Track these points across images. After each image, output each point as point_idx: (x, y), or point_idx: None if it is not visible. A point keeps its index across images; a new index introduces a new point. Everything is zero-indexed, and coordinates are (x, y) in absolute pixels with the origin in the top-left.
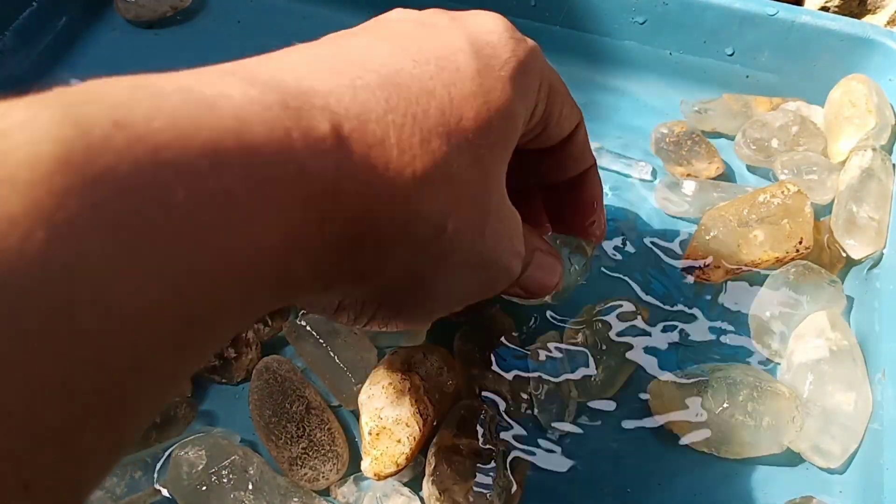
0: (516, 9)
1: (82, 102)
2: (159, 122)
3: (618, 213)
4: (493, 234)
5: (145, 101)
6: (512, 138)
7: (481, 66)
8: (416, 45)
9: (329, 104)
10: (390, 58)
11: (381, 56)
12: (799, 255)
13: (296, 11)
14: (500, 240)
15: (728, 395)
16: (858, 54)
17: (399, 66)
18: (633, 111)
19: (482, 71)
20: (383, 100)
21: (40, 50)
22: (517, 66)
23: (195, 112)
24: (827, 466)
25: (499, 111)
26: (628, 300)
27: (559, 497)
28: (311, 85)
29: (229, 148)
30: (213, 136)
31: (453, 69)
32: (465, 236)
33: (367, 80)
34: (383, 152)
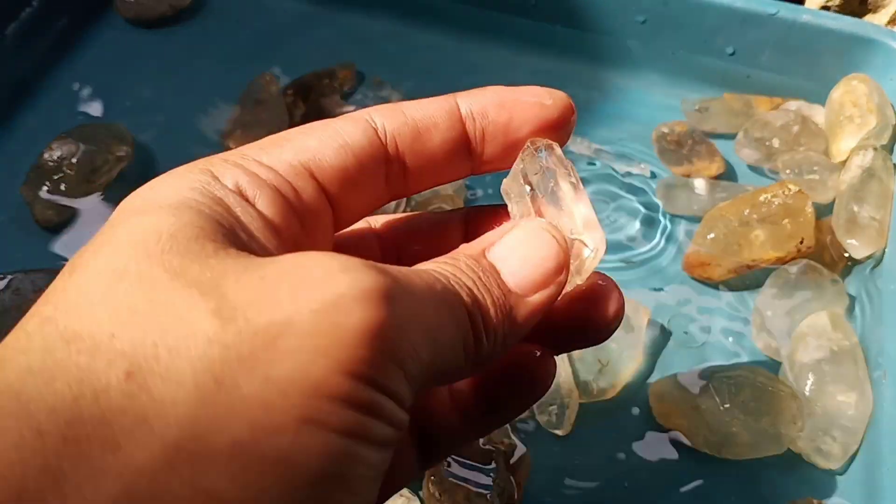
0: (516, 8)
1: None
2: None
3: (618, 213)
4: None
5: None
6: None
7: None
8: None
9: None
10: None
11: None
12: (800, 255)
13: (295, 11)
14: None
15: (729, 396)
16: (859, 54)
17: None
18: (633, 110)
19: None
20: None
21: (41, 50)
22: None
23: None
24: (828, 467)
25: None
26: (629, 300)
27: (559, 497)
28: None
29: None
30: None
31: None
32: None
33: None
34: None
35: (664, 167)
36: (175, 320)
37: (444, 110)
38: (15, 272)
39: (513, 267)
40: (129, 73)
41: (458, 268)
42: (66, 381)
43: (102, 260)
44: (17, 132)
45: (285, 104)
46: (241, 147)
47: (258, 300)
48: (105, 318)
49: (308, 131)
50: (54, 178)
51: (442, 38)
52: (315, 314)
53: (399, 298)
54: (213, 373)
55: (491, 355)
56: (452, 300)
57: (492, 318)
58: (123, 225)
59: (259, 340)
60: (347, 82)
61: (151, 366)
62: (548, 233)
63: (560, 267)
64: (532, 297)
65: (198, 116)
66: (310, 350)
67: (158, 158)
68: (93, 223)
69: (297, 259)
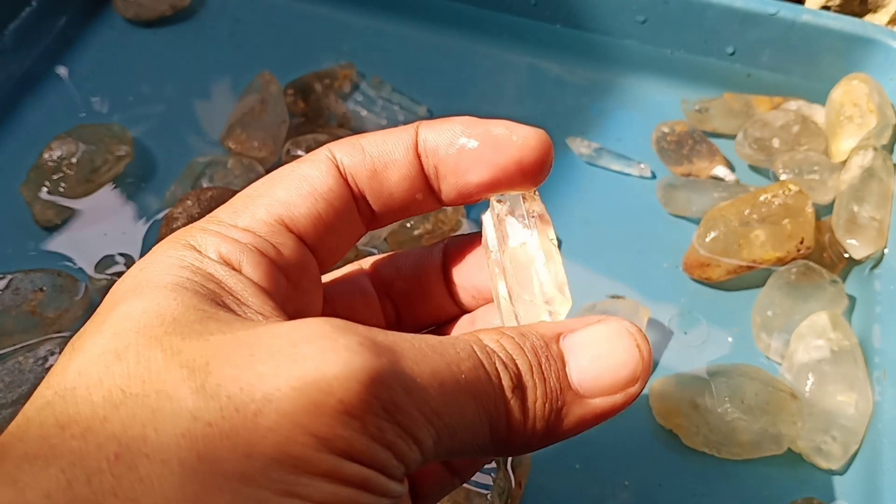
0: (516, 8)
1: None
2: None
3: (618, 213)
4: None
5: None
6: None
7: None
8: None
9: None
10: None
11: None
12: (800, 255)
13: (295, 10)
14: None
15: (729, 396)
16: (859, 53)
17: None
18: (633, 110)
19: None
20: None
21: (40, 49)
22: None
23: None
24: (828, 467)
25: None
26: (628, 300)
27: (560, 497)
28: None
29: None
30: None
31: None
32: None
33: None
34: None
35: (664, 167)
36: (163, 399)
37: (403, 145)
38: (15, 272)
39: (582, 362)
40: (128, 73)
41: (519, 346)
42: (60, 466)
43: (103, 342)
44: (16, 132)
45: (285, 104)
46: (214, 211)
47: (242, 376)
48: (99, 400)
49: (275, 182)
50: (54, 178)
51: (442, 38)
52: (296, 392)
53: (390, 381)
54: (196, 450)
55: (527, 445)
56: (480, 382)
57: (535, 409)
58: (123, 306)
59: (240, 417)
60: (347, 82)
61: (139, 446)
62: (632, 338)
63: (634, 378)
64: (594, 400)
65: (198, 116)
66: (289, 427)
67: (158, 158)
68: (93, 223)
69: (290, 333)
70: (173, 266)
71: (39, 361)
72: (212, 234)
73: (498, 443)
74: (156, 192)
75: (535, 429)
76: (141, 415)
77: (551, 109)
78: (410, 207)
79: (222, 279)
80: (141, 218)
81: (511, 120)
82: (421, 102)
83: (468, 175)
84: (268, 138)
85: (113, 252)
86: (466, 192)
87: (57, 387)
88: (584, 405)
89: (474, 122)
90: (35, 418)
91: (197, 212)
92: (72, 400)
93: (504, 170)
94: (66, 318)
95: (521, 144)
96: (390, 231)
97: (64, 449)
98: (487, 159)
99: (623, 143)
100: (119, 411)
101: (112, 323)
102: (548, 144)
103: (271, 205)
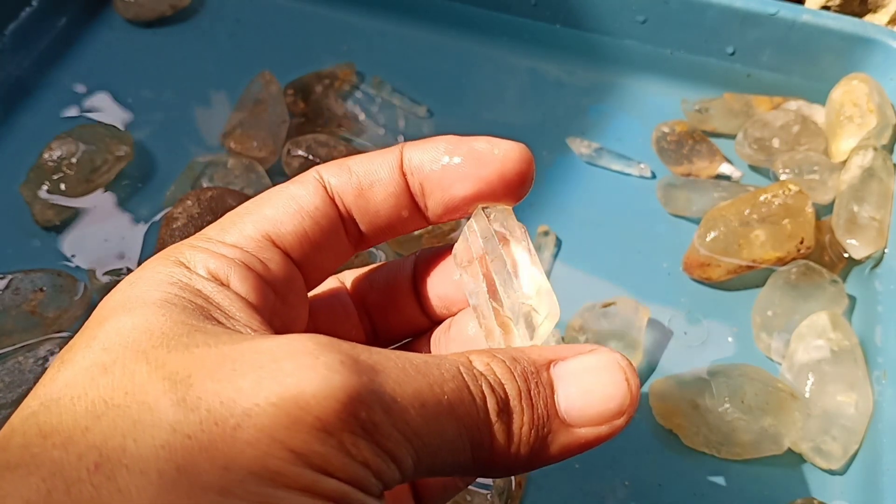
0: (516, 9)
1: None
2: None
3: (618, 213)
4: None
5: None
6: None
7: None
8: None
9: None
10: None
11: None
12: (800, 255)
13: (295, 10)
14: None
15: (729, 396)
16: (859, 53)
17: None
18: (633, 110)
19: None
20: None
21: (40, 50)
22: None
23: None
24: (828, 467)
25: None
26: (628, 300)
27: (560, 497)
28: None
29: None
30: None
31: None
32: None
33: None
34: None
35: (664, 167)
36: (144, 411)
37: (388, 164)
38: (15, 272)
39: (570, 391)
40: (128, 73)
41: (509, 371)
42: (40, 475)
43: (92, 356)
44: (16, 132)
45: (285, 104)
46: (203, 230)
47: (222, 391)
48: (82, 411)
49: (263, 201)
50: (54, 177)
51: (442, 38)
52: (274, 407)
53: (368, 400)
54: (174, 461)
55: (510, 469)
56: (462, 403)
57: (521, 434)
58: (112, 321)
59: (219, 430)
60: (347, 82)
61: (119, 456)
62: (622, 372)
63: (621, 411)
64: (580, 430)
65: (198, 116)
66: (267, 442)
67: (158, 158)
68: (92, 223)
69: (274, 349)
70: (162, 282)
71: (39, 361)
72: (200, 251)
73: (480, 464)
74: (156, 192)
75: (520, 453)
76: (122, 426)
77: (551, 110)
78: (397, 226)
79: (210, 295)
80: (141, 218)
81: (511, 121)
82: (421, 102)
83: (453, 189)
84: (268, 138)
85: (113, 252)
86: (453, 206)
87: (43, 397)
88: (570, 434)
89: (457, 140)
90: (19, 428)
91: (197, 212)
92: (55, 410)
93: (487, 183)
94: (66, 318)
95: (502, 158)
96: None
97: (45, 458)
98: (471, 174)
99: (623, 143)
100: (100, 422)
101: (101, 338)
102: (528, 158)
103: (258, 221)
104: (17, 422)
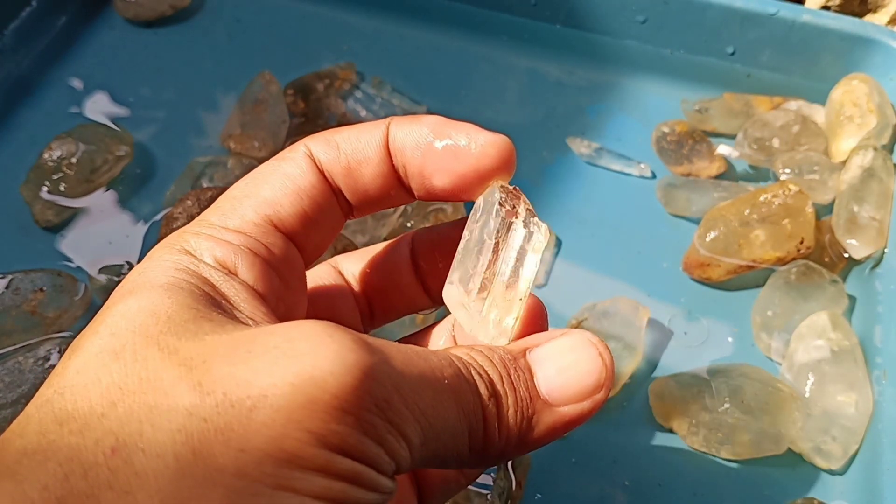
0: (516, 8)
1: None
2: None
3: (618, 213)
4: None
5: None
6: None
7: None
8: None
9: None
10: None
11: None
12: (800, 255)
13: (295, 10)
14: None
15: (729, 396)
16: (859, 53)
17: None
18: (633, 110)
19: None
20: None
21: (40, 49)
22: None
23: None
24: (828, 467)
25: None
26: (628, 300)
27: (559, 497)
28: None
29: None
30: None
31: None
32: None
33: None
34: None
35: (664, 167)
36: (160, 396)
37: (375, 142)
38: (15, 272)
39: (549, 373)
40: (128, 73)
41: (488, 359)
42: (57, 460)
43: (101, 342)
44: (16, 132)
45: (285, 104)
46: (203, 214)
47: (239, 373)
48: (97, 398)
49: (258, 182)
50: (54, 178)
51: (442, 38)
52: (291, 387)
53: (382, 379)
54: (191, 445)
55: (502, 454)
56: (461, 388)
57: (507, 417)
58: (119, 306)
59: (235, 413)
60: (347, 82)
61: (135, 441)
62: (594, 348)
63: (599, 385)
64: (563, 408)
65: (198, 116)
66: (283, 423)
67: (158, 158)
68: (92, 223)
69: (286, 332)
70: (169, 268)
71: (39, 361)
72: (205, 238)
73: (475, 451)
74: (156, 192)
75: (509, 436)
76: (138, 411)
77: (551, 110)
78: (384, 201)
79: (217, 284)
80: (141, 218)
81: (511, 121)
82: (421, 102)
83: (433, 179)
84: (268, 138)
85: (113, 252)
86: (434, 194)
87: (56, 385)
88: (554, 413)
89: (441, 125)
90: (34, 415)
91: (197, 212)
92: (70, 397)
93: (462, 178)
94: (66, 318)
95: (478, 154)
96: (391, 230)
97: (62, 444)
98: (448, 167)
99: (623, 143)
100: (116, 408)
101: (108, 323)
102: (507, 151)
103: (258, 205)
104: (32, 410)
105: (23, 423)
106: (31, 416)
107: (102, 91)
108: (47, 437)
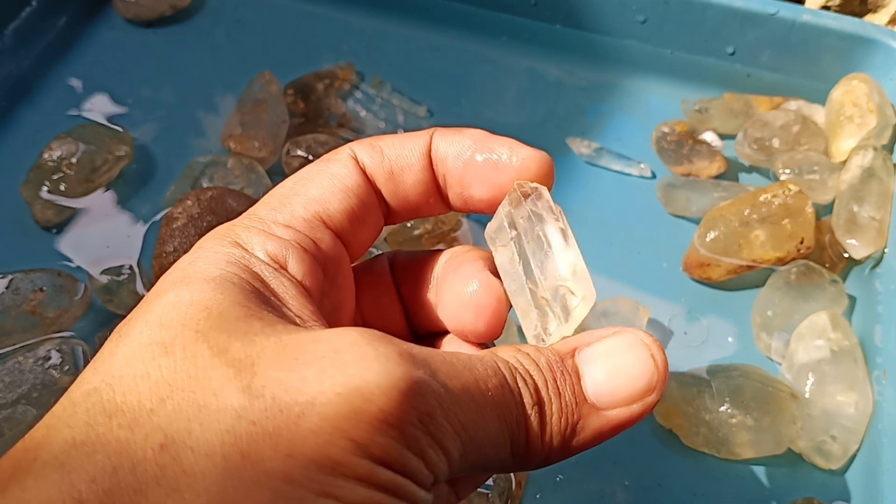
0: (516, 8)
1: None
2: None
3: (618, 213)
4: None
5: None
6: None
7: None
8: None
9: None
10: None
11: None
12: (800, 255)
13: (295, 10)
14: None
15: (729, 396)
16: (859, 53)
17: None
18: (633, 110)
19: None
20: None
21: (40, 49)
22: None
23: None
24: (828, 467)
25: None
26: (629, 300)
27: (559, 497)
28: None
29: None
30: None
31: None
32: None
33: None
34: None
35: (664, 167)
36: (209, 396)
37: (419, 150)
38: (15, 272)
39: (597, 376)
40: (128, 73)
41: (534, 362)
42: (106, 453)
43: (149, 332)
44: (16, 132)
45: (285, 104)
46: (253, 208)
47: (287, 379)
48: (146, 392)
49: (305, 180)
50: (54, 178)
51: (442, 38)
52: (339, 397)
53: (426, 393)
54: (239, 446)
55: (546, 460)
56: (505, 399)
57: (551, 424)
58: (170, 295)
59: (283, 418)
60: (347, 82)
61: (184, 438)
62: (647, 349)
63: (650, 388)
64: (611, 411)
65: (198, 116)
66: (330, 431)
67: (158, 158)
68: (92, 223)
69: (332, 341)
70: (221, 261)
71: (39, 361)
72: (256, 232)
73: (517, 458)
74: (155, 192)
75: (552, 444)
76: (187, 409)
77: (551, 110)
78: (423, 209)
79: (267, 280)
80: (141, 218)
81: (511, 121)
82: (420, 103)
83: (471, 189)
84: (268, 138)
85: (113, 252)
86: (471, 204)
87: (104, 374)
88: (601, 417)
89: (483, 139)
90: (81, 404)
91: (197, 212)
92: (119, 390)
93: (502, 189)
94: (66, 318)
95: (519, 167)
96: (390, 231)
97: (110, 437)
98: (488, 178)
99: (623, 143)
100: (165, 405)
101: (158, 312)
102: (547, 166)
103: (307, 202)
104: (78, 397)
105: (69, 410)
106: (79, 404)
107: (102, 91)
108: (96, 429)
